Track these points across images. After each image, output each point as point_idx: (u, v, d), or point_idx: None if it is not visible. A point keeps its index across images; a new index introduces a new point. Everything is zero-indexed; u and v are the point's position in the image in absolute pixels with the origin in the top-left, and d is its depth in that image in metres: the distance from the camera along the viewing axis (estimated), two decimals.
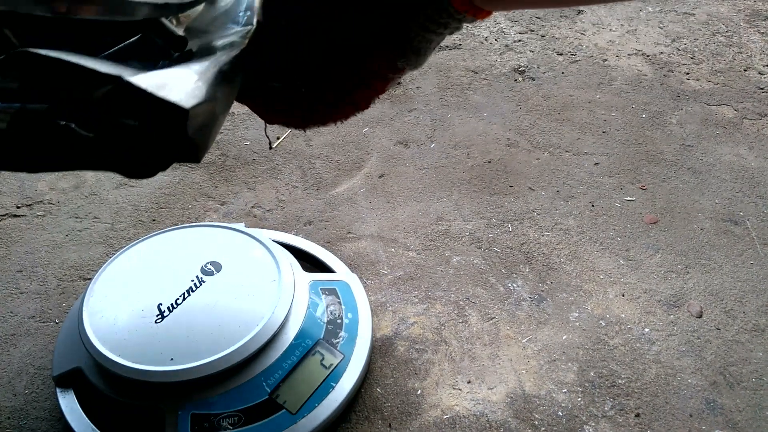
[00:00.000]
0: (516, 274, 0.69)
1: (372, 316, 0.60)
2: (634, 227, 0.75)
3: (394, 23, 0.26)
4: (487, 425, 0.55)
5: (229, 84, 0.32)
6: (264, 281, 0.55)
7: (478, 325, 0.64)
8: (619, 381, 0.58)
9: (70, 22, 0.30)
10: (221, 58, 0.32)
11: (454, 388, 0.58)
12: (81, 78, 0.28)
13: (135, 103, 0.28)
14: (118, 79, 0.27)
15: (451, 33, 0.28)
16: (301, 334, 0.55)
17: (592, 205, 0.78)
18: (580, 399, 0.57)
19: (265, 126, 0.38)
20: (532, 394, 0.57)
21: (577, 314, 0.65)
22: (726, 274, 0.69)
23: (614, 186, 0.81)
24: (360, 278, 0.64)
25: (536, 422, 0.55)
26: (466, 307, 0.65)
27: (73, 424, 0.52)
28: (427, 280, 0.68)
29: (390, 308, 0.65)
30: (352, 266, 0.69)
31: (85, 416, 0.52)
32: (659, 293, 0.67)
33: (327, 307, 0.58)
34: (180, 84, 0.28)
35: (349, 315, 0.58)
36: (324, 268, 0.66)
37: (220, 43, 0.34)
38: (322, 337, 0.56)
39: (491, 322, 0.64)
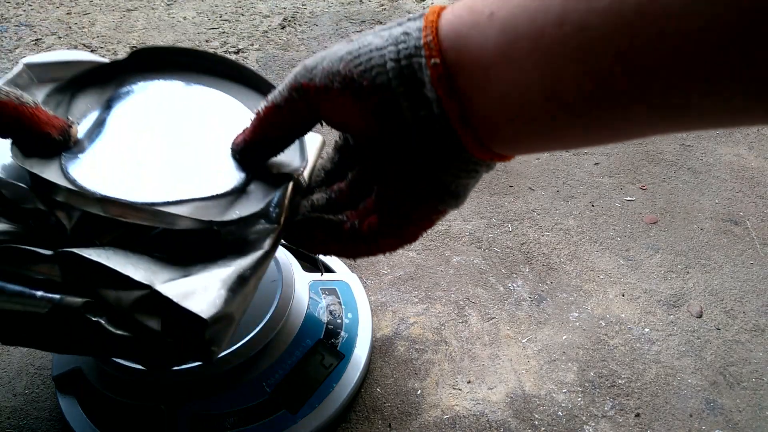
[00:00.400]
0: (516, 274, 0.69)
1: (372, 316, 0.60)
2: (634, 227, 0.75)
3: (429, 179, 0.29)
4: (487, 425, 0.55)
5: (249, 288, 0.36)
6: (264, 281, 0.55)
7: (478, 325, 0.64)
8: (619, 381, 0.58)
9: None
10: (244, 263, 0.35)
11: (454, 388, 0.58)
12: (116, 281, 0.32)
13: (161, 306, 0.32)
14: (149, 288, 0.32)
15: (487, 171, 0.30)
16: (301, 334, 0.55)
17: (592, 205, 0.79)
18: (580, 399, 0.57)
19: (317, 256, 0.41)
20: (532, 394, 0.57)
21: (577, 314, 0.65)
22: (726, 274, 0.69)
23: (614, 186, 0.81)
24: (360, 278, 0.64)
25: (536, 422, 0.55)
26: (466, 307, 0.65)
27: (73, 425, 0.52)
28: (427, 280, 0.68)
29: (390, 308, 0.65)
30: (352, 266, 0.69)
31: (85, 416, 0.52)
32: (659, 293, 0.67)
33: (327, 307, 0.58)
34: (203, 293, 0.32)
35: (349, 315, 0.58)
36: (324, 268, 0.66)
37: (250, 236, 0.37)
38: (322, 337, 0.56)
39: (491, 322, 0.64)
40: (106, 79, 0.47)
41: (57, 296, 0.34)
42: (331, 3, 1.22)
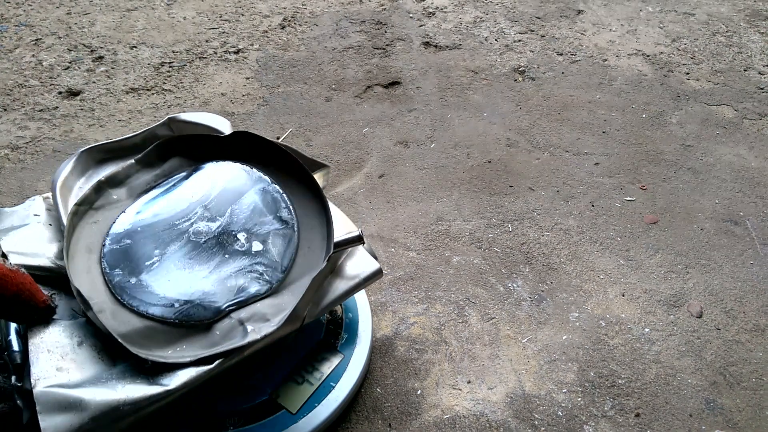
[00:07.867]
0: (516, 274, 0.69)
1: (372, 316, 0.60)
2: (634, 227, 0.75)
3: None
4: (487, 425, 0.55)
5: (125, 422, 0.39)
6: None
7: (478, 325, 0.64)
8: (619, 381, 0.58)
9: None
10: (135, 393, 0.40)
11: (454, 388, 0.58)
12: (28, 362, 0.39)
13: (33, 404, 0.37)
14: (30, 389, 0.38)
15: None
16: (301, 335, 0.55)
17: (592, 205, 0.79)
18: (580, 399, 0.57)
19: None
20: (532, 394, 0.57)
21: (577, 314, 0.65)
22: (726, 274, 0.69)
23: (614, 186, 0.82)
24: None
25: (536, 422, 0.55)
26: (466, 307, 0.65)
27: None
28: (427, 280, 0.68)
29: (390, 308, 0.65)
30: None
31: None
32: (659, 293, 0.67)
33: None
34: (70, 413, 0.38)
35: (350, 315, 0.58)
36: None
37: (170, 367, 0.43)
38: (322, 337, 0.56)
39: (491, 322, 0.64)
40: (198, 150, 0.55)
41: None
42: (331, 3, 1.22)
